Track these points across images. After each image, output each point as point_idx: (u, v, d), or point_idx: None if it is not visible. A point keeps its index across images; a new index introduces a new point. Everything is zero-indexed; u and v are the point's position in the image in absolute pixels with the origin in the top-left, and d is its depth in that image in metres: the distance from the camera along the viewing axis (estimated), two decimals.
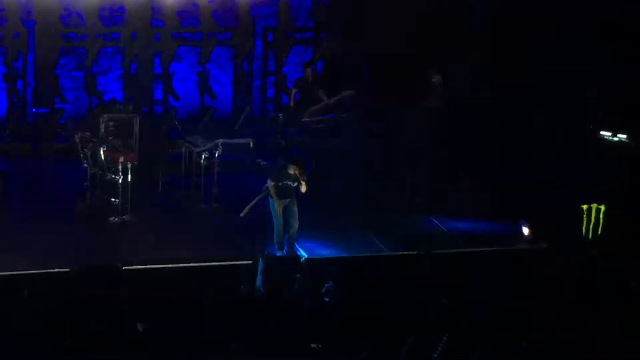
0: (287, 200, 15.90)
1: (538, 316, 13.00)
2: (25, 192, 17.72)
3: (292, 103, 20.65)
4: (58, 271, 14.33)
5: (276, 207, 15.86)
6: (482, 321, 12.70)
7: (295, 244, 16.04)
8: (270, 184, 15.91)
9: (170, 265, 15.07)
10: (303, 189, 15.80)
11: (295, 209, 15.98)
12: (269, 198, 15.97)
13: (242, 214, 16.62)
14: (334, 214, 17.41)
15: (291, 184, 15.84)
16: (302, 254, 15.85)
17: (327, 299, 13.26)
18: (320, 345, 11.33)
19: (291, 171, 15.79)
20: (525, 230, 17.11)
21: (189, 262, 15.30)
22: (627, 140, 17.69)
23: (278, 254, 15.85)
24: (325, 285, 13.60)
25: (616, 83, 18.13)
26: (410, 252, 16.00)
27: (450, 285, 13.88)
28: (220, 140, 17.85)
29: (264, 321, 12.09)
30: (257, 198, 16.41)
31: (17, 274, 14.33)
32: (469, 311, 12.98)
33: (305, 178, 15.74)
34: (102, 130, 18.17)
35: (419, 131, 19.39)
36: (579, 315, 12.94)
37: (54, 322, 11.64)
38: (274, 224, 15.95)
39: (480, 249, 16.60)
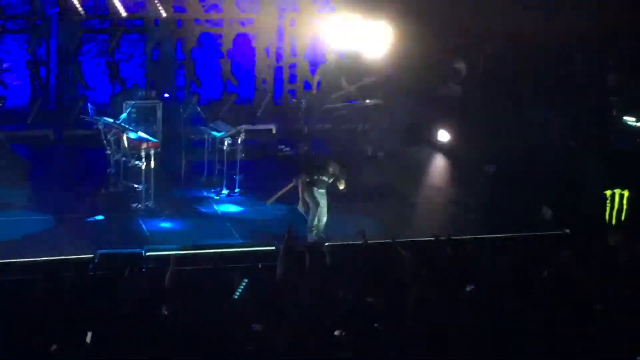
0: (320, 190, 15.88)
1: None
2: (48, 179, 17.77)
3: (314, 90, 20.62)
4: (81, 257, 14.41)
5: (315, 193, 15.83)
6: None
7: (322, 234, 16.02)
8: (302, 177, 15.87)
9: (192, 252, 15.12)
10: (341, 186, 15.76)
11: (325, 201, 15.92)
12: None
13: (268, 203, 16.66)
14: None
15: (326, 179, 15.77)
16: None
17: None
18: (343, 333, 11.29)
19: (330, 169, 15.72)
20: (548, 214, 17.04)
21: (212, 248, 15.35)
22: None
23: (309, 238, 15.84)
24: None
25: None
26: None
27: None
28: (243, 127, 17.85)
29: (285, 307, 12.08)
30: (285, 189, 16.41)
31: (40, 260, 14.41)
32: None
33: (345, 180, 15.73)
34: (125, 116, 18.21)
35: None
36: None
37: (76, 309, 11.64)
38: (311, 208, 15.93)
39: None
